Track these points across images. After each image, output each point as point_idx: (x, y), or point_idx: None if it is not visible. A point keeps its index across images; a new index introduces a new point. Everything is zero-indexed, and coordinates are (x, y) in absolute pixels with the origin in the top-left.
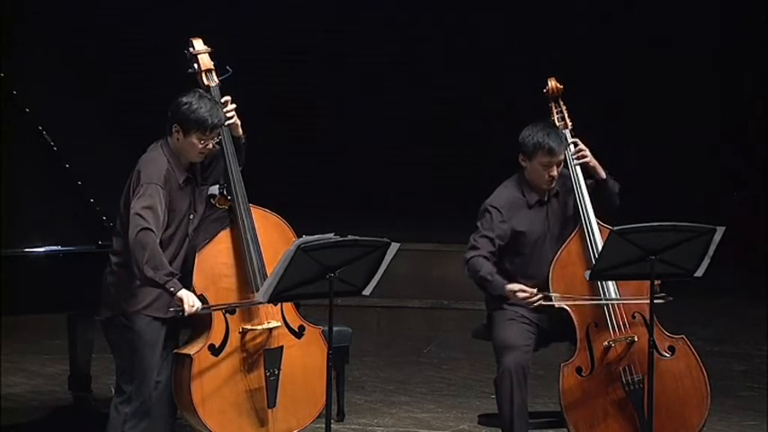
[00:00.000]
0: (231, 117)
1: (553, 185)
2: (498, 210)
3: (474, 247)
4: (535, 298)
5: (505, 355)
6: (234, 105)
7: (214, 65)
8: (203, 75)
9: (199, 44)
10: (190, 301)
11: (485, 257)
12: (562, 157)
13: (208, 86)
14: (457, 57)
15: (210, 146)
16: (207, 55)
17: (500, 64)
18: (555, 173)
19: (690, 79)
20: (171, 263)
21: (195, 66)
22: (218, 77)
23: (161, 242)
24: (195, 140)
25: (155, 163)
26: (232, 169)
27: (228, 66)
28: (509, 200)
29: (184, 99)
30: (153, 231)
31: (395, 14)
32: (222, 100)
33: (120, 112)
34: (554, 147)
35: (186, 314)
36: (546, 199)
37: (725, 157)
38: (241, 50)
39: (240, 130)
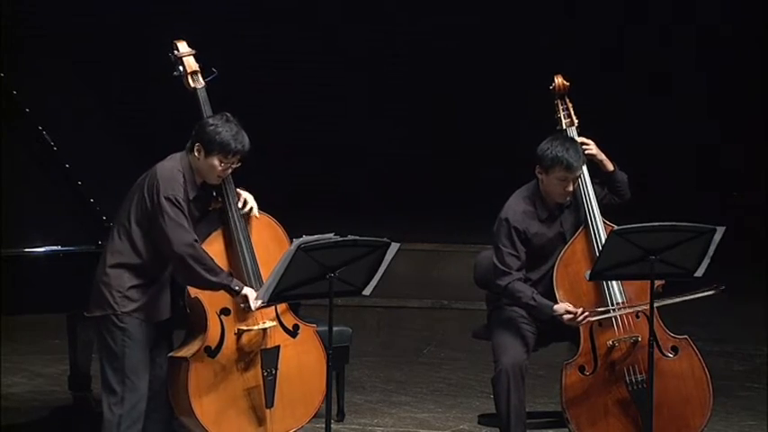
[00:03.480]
0: (250, 211)
1: (567, 199)
2: (515, 224)
3: (505, 272)
4: (581, 317)
5: (503, 354)
6: (253, 203)
7: (200, 66)
8: (189, 77)
9: (183, 46)
10: (253, 296)
11: (519, 279)
12: (579, 173)
13: (194, 88)
14: (458, 55)
15: (229, 171)
16: (192, 57)
17: (502, 62)
18: (571, 188)
19: (690, 77)
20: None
21: (180, 68)
22: (203, 79)
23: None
24: (216, 162)
25: (172, 176)
26: None
27: (214, 67)
28: (523, 212)
29: (211, 120)
30: (198, 241)
31: (396, 13)
32: (241, 204)
33: (121, 112)
34: (572, 162)
35: (254, 309)
36: (559, 211)
37: (725, 157)
38: (242, 50)
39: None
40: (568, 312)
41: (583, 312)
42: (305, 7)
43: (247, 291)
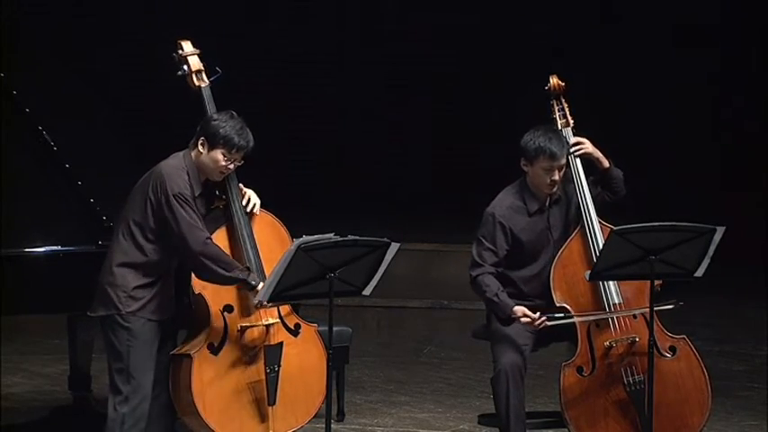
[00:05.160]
0: (253, 207)
1: (555, 190)
2: (500, 219)
3: (478, 264)
4: (538, 321)
5: (502, 354)
6: (256, 200)
7: (204, 66)
8: (193, 76)
9: (187, 46)
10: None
11: (490, 274)
12: (564, 161)
13: (198, 87)
14: (457, 56)
15: (232, 167)
16: (196, 56)
17: (501, 62)
18: (557, 177)
19: (690, 77)
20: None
21: (185, 68)
22: (208, 79)
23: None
24: (219, 156)
25: (176, 173)
26: None
27: (218, 67)
28: (510, 207)
29: (216, 116)
30: (211, 238)
31: (396, 13)
32: (245, 202)
33: (121, 112)
34: (555, 151)
35: (268, 307)
36: (547, 206)
37: (725, 157)
38: (242, 50)
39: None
40: (526, 316)
41: (540, 317)
42: (303, 7)
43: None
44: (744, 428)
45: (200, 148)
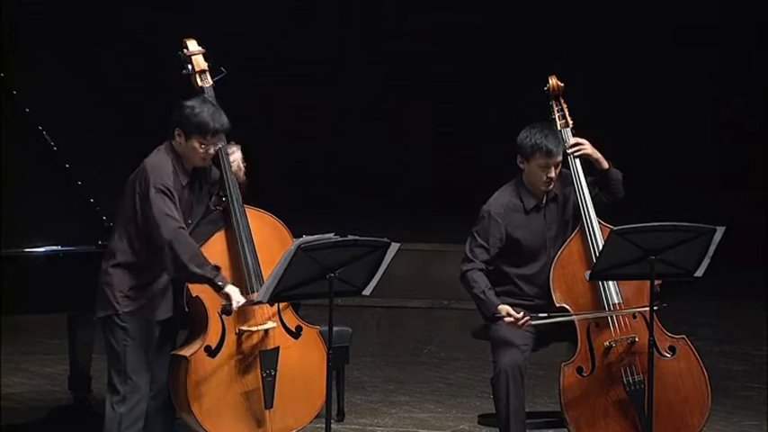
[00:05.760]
0: (233, 162)
1: (551, 187)
2: (495, 217)
3: (469, 259)
4: (522, 321)
5: (502, 354)
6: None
7: (208, 65)
8: (197, 76)
9: (193, 45)
10: (236, 297)
11: (480, 270)
12: (560, 158)
13: (202, 87)
14: (457, 56)
15: (212, 151)
16: (201, 56)
17: (501, 62)
18: (553, 174)
19: (690, 77)
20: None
21: (189, 67)
22: (212, 78)
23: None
24: (196, 144)
25: (162, 166)
26: (226, 170)
27: (222, 66)
28: (506, 205)
29: (187, 103)
30: (185, 229)
31: (396, 14)
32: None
33: (121, 111)
34: (552, 148)
35: (235, 309)
36: (543, 203)
37: (726, 156)
38: (243, 50)
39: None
40: (509, 315)
41: (524, 317)
42: (305, 7)
43: (230, 289)
44: (744, 428)
45: (177, 138)
